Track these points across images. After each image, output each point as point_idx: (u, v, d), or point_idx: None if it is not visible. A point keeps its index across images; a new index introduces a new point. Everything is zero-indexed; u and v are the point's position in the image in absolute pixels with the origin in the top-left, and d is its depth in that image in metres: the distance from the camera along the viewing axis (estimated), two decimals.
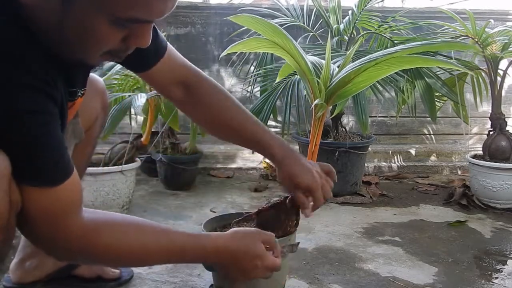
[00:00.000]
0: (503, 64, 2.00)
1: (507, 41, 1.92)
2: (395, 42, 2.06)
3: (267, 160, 2.46)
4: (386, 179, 2.41)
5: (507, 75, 1.98)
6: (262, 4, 2.84)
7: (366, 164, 2.31)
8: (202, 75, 1.04)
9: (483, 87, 2.18)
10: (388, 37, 2.10)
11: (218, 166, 2.47)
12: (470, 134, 2.72)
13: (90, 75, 0.94)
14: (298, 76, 1.72)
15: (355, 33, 2.16)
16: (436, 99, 2.08)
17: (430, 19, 2.40)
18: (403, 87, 1.97)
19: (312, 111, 1.09)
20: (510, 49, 1.91)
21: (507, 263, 1.41)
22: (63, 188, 0.69)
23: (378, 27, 2.17)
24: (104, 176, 1.68)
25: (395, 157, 2.60)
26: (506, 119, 2.01)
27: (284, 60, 1.19)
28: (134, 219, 0.82)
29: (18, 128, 0.63)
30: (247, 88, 2.37)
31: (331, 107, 1.71)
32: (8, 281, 1.14)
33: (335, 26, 2.14)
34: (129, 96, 1.72)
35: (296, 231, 1.10)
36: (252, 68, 2.35)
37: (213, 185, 2.24)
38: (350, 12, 2.15)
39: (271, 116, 1.99)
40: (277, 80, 1.74)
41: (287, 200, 1.07)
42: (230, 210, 1.80)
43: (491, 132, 2.00)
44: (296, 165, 1.01)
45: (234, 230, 0.90)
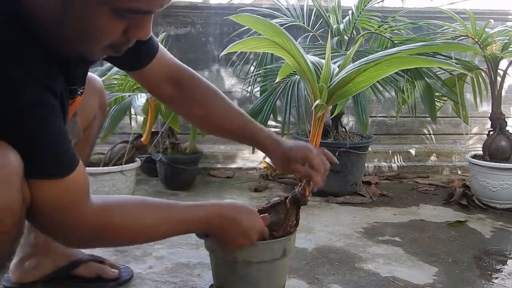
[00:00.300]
0: (503, 64, 2.00)
1: (507, 41, 1.92)
2: (395, 42, 2.06)
3: (267, 159, 2.48)
4: (386, 179, 2.41)
5: (507, 75, 1.98)
6: (262, 4, 2.84)
7: (366, 164, 2.31)
8: (192, 72, 1.06)
9: (483, 87, 2.18)
10: (388, 37, 2.10)
11: (218, 166, 2.47)
12: (470, 134, 2.72)
13: (88, 74, 0.95)
14: (298, 76, 1.72)
15: (355, 33, 2.16)
16: (436, 99, 2.08)
17: (430, 19, 2.40)
18: (403, 87, 1.97)
19: (312, 111, 1.09)
20: (510, 49, 1.91)
21: (507, 263, 1.41)
22: (72, 178, 0.71)
23: (378, 27, 2.17)
24: (104, 176, 1.68)
25: (395, 157, 2.60)
26: (506, 119, 2.00)
27: (284, 60, 1.19)
28: (139, 199, 0.87)
29: (21, 123, 0.64)
30: (247, 88, 2.37)
31: (331, 107, 1.71)
32: (7, 281, 1.14)
33: (335, 26, 2.14)
34: (129, 96, 1.72)
35: (296, 231, 1.10)
36: (252, 68, 2.35)
37: (213, 185, 2.24)
38: (350, 12, 2.15)
39: (271, 116, 1.99)
40: (277, 80, 1.74)
41: (287, 200, 1.07)
42: None
43: (491, 132, 2.00)
44: (287, 144, 1.07)
45: (230, 200, 1.00)
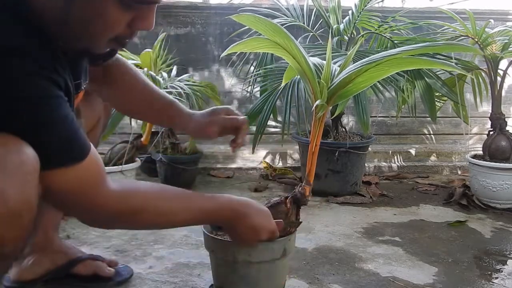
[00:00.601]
0: (503, 64, 2.00)
1: (507, 41, 1.92)
2: (395, 42, 2.06)
3: (267, 160, 2.47)
4: (386, 179, 2.41)
5: (507, 75, 1.98)
6: (262, 4, 2.84)
7: (366, 164, 2.31)
8: (120, 57, 1.09)
9: (483, 87, 2.18)
10: (388, 37, 2.10)
11: (218, 166, 2.47)
12: (470, 134, 2.72)
13: None
14: (298, 76, 1.72)
15: (355, 33, 2.16)
16: (436, 99, 2.08)
17: (430, 19, 2.40)
18: (403, 86, 1.97)
19: (313, 111, 1.09)
20: (510, 49, 1.91)
21: (507, 263, 1.41)
22: (88, 162, 0.73)
23: (378, 27, 2.17)
24: None
25: (395, 157, 2.60)
26: (506, 119, 2.00)
27: (284, 60, 1.19)
28: (159, 185, 0.91)
29: (29, 115, 0.66)
30: (247, 88, 2.37)
31: (331, 107, 1.71)
32: (7, 280, 1.14)
33: (335, 26, 2.14)
34: None
35: (296, 231, 1.10)
36: (252, 68, 2.35)
37: (213, 185, 2.24)
38: (350, 12, 2.15)
39: (271, 116, 1.99)
40: (282, 84, 1.74)
41: (287, 200, 1.07)
42: None
43: (491, 132, 2.00)
44: (197, 114, 1.11)
45: (247, 198, 1.01)
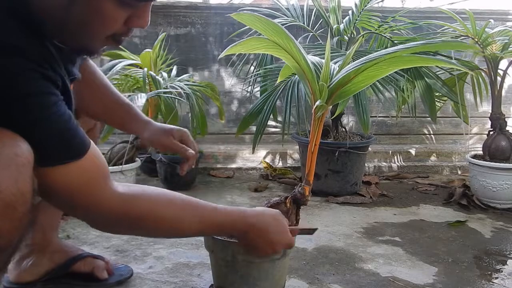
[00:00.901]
0: (503, 64, 2.00)
1: (507, 41, 1.92)
2: (395, 42, 2.06)
3: (267, 160, 2.47)
4: (386, 179, 2.41)
5: (507, 75, 1.98)
6: (262, 4, 2.84)
7: (366, 164, 2.31)
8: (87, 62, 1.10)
9: (483, 87, 2.18)
10: (388, 37, 2.10)
11: (218, 166, 2.47)
12: (470, 134, 2.72)
13: None
14: (298, 76, 1.72)
15: (355, 33, 2.16)
16: (436, 99, 2.08)
17: (430, 19, 2.40)
18: (403, 86, 1.97)
19: (313, 111, 1.09)
20: (510, 49, 1.91)
21: (507, 263, 1.41)
22: (86, 160, 0.73)
23: (378, 27, 2.17)
24: None
25: (395, 157, 2.60)
26: (506, 119, 2.00)
27: (284, 60, 1.19)
28: (168, 191, 0.88)
29: (26, 112, 0.66)
30: (247, 88, 2.37)
31: (331, 107, 1.71)
32: (7, 281, 1.14)
33: (335, 26, 2.14)
34: (129, 96, 1.72)
35: None
36: (252, 68, 2.35)
37: (213, 185, 2.24)
38: (350, 12, 2.15)
39: (271, 116, 1.99)
40: (277, 82, 1.74)
41: (287, 200, 1.07)
42: None
43: (491, 132, 2.00)
44: (159, 124, 1.13)
45: (259, 207, 1.00)
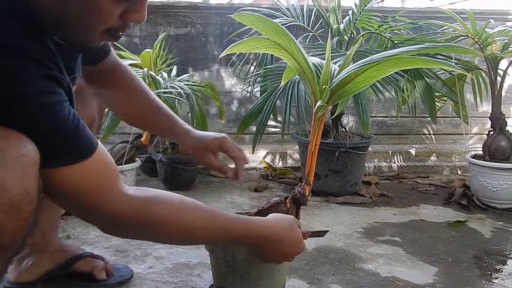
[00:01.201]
0: (503, 64, 2.00)
1: (507, 41, 1.92)
2: (395, 42, 2.06)
3: (267, 159, 2.47)
4: (386, 179, 2.41)
5: (507, 75, 1.98)
6: (262, 4, 2.84)
7: (366, 164, 2.31)
8: (121, 63, 1.10)
9: (483, 87, 2.18)
10: (388, 37, 2.10)
11: None
12: (470, 134, 2.72)
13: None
14: (298, 76, 1.72)
15: (355, 33, 2.16)
16: (436, 99, 2.08)
17: (430, 19, 2.40)
18: (403, 86, 1.97)
19: (312, 111, 1.09)
20: (510, 49, 1.91)
21: (507, 263, 1.41)
22: (93, 160, 0.72)
23: (378, 27, 2.17)
24: None
25: (395, 157, 2.60)
26: (506, 119, 2.00)
27: (283, 60, 1.19)
28: (183, 197, 0.85)
29: (30, 113, 0.66)
30: (247, 88, 2.37)
31: (331, 107, 1.71)
32: (7, 281, 1.14)
33: (335, 26, 2.14)
34: None
35: None
36: (252, 68, 2.35)
37: (213, 185, 2.24)
38: (350, 12, 2.15)
39: (271, 116, 1.99)
40: (281, 84, 1.74)
41: (287, 200, 1.07)
42: (230, 210, 1.80)
43: (491, 132, 2.00)
44: (197, 132, 1.09)
45: (274, 215, 0.97)
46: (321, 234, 1.10)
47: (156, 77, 1.89)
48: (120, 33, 0.75)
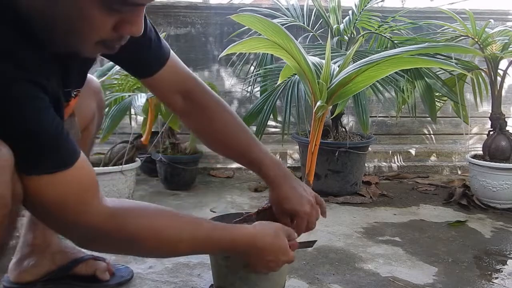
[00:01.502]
0: (503, 64, 2.00)
1: (507, 41, 1.92)
2: (395, 42, 2.06)
3: None
4: (386, 179, 2.41)
5: (507, 75, 1.98)
6: (262, 4, 2.84)
7: (366, 164, 2.31)
8: (203, 86, 1.04)
9: (483, 87, 2.18)
10: (388, 37, 2.10)
11: (218, 166, 2.47)
12: (470, 134, 2.72)
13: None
14: (298, 76, 1.72)
15: (355, 33, 2.16)
16: (436, 99, 2.08)
17: (430, 19, 2.40)
18: (403, 86, 1.97)
19: (312, 111, 1.09)
20: (510, 49, 1.91)
21: (507, 263, 1.41)
22: (74, 170, 0.68)
23: (378, 27, 2.17)
24: (104, 176, 1.68)
25: (395, 157, 2.60)
26: (506, 119, 2.00)
27: (284, 60, 1.19)
28: (163, 208, 0.82)
29: (13, 118, 0.62)
30: (247, 88, 2.37)
31: (331, 107, 1.71)
32: (7, 281, 1.14)
33: (335, 26, 2.14)
34: (129, 96, 1.72)
35: None
36: (252, 68, 2.35)
37: (213, 185, 2.24)
38: (350, 12, 2.15)
39: (271, 116, 1.99)
40: (278, 82, 1.74)
41: None
42: (230, 210, 1.80)
43: (491, 132, 2.00)
44: (288, 188, 1.01)
45: (260, 223, 0.94)
46: (309, 244, 1.07)
47: None
48: (116, 45, 0.71)
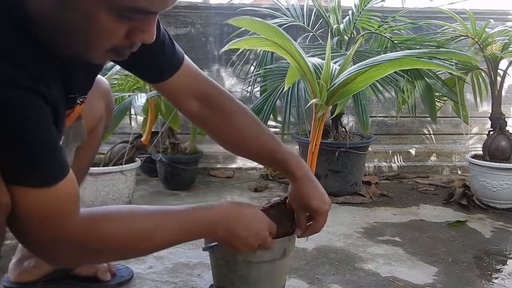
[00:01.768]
0: (503, 64, 2.00)
1: (507, 41, 1.93)
2: (395, 42, 2.06)
3: None
4: (386, 179, 2.41)
5: (507, 75, 1.98)
6: (262, 4, 2.84)
7: (366, 164, 2.31)
8: (220, 89, 1.02)
9: (483, 87, 2.18)
10: (388, 37, 2.10)
11: (218, 166, 2.47)
12: (470, 134, 2.72)
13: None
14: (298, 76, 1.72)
15: (355, 33, 2.16)
16: (436, 99, 2.08)
17: (430, 19, 2.40)
18: (403, 87, 1.97)
19: (313, 111, 1.09)
20: (510, 49, 1.91)
21: (507, 263, 1.41)
22: (60, 188, 0.66)
23: (378, 27, 2.17)
24: (104, 176, 1.68)
25: (395, 157, 2.60)
26: (506, 119, 2.01)
27: (284, 60, 1.19)
28: (127, 206, 0.81)
29: (6, 125, 0.61)
30: (247, 88, 2.37)
31: (331, 107, 1.71)
32: (7, 281, 1.14)
33: (335, 26, 2.14)
34: (129, 96, 1.72)
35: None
36: (252, 68, 2.35)
37: (213, 185, 2.24)
38: (350, 12, 2.15)
39: (271, 116, 1.99)
40: (285, 88, 1.73)
41: (287, 200, 1.07)
42: None
43: (491, 132, 2.00)
44: (312, 186, 1.00)
45: (220, 202, 0.90)
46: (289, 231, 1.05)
47: None
48: (127, 52, 0.69)
